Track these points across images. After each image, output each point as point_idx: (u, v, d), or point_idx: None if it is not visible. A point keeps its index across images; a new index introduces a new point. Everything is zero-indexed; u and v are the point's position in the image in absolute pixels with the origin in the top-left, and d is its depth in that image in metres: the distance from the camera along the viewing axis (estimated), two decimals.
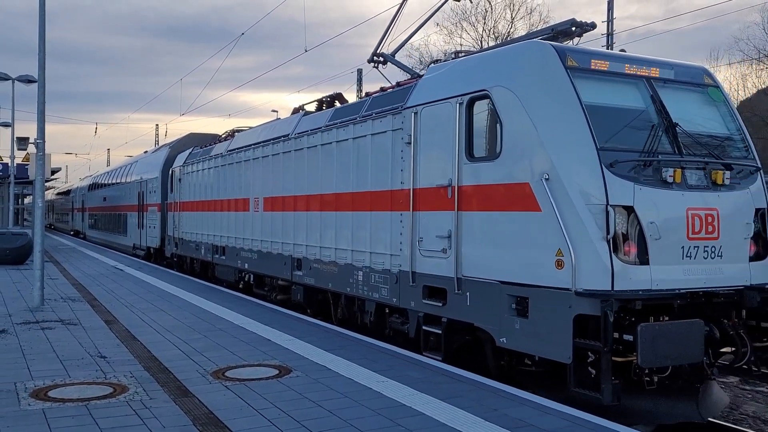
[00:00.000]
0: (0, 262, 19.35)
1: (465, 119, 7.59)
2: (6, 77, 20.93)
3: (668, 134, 6.95)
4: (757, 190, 7.23)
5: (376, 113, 9.39)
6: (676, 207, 6.57)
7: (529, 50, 7.31)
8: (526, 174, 6.78)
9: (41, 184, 11.85)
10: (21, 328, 9.30)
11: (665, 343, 5.82)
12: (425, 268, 8.15)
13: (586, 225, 6.24)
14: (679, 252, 6.53)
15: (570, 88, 6.70)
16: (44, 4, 11.32)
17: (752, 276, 6.96)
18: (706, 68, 8.07)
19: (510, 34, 39.58)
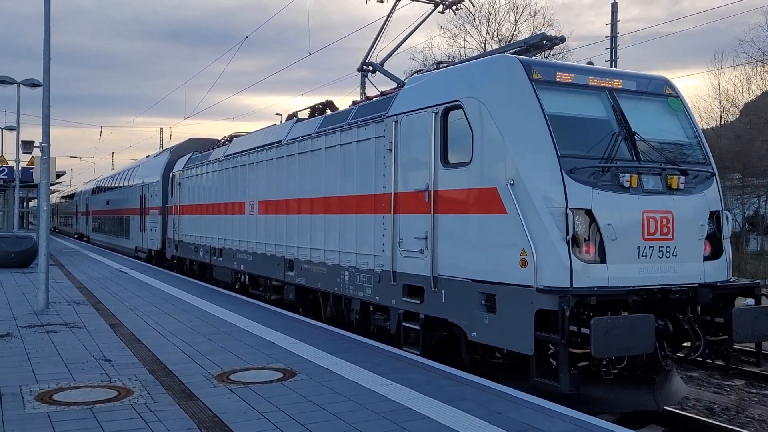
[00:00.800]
0: (5, 266, 19.40)
1: (440, 128, 8.04)
2: (11, 81, 20.99)
3: (627, 142, 7.40)
4: (712, 194, 7.68)
5: (360, 121, 9.86)
6: (632, 210, 7.02)
7: (497, 64, 7.85)
8: (493, 179, 7.25)
9: (46, 187, 11.87)
10: (26, 331, 9.32)
11: (617, 335, 6.21)
12: (405, 268, 8.60)
13: (547, 227, 6.72)
14: (635, 252, 6.98)
15: (534, 100, 7.18)
16: (49, 9, 11.37)
17: (706, 274, 7.40)
18: (668, 79, 8.49)
19: (514, 36, 39.56)
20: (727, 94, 39.12)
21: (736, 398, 9.33)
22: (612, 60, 24.47)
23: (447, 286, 7.85)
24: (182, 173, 19.70)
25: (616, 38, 24.45)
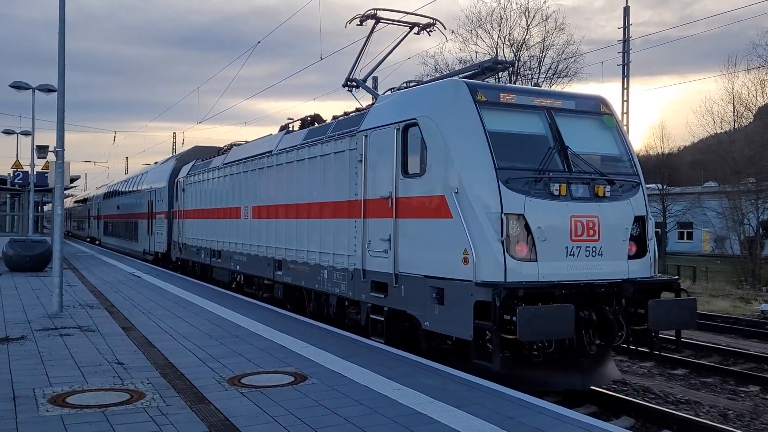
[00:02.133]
0: (19, 269, 19.55)
1: (401, 142, 9.04)
2: (26, 86, 21.18)
3: (561, 155, 8.33)
4: (637, 200, 8.61)
5: (338, 135, 10.88)
6: (561, 215, 7.94)
7: (447, 87, 8.84)
8: (442, 188, 8.23)
9: (61, 192, 11.97)
10: (40, 334, 9.39)
11: (539, 322, 7.11)
12: (372, 266, 9.61)
13: (484, 230, 7.67)
14: (563, 251, 7.92)
15: (476, 119, 8.13)
16: (64, 16, 11.47)
17: (630, 271, 8.31)
18: (604, 98, 9.41)
19: (525, 41, 39.50)
20: (740, 97, 38.75)
21: (751, 404, 9.24)
22: (624, 64, 24.34)
23: (406, 282, 8.84)
24: (186, 180, 20.84)
25: (629, 42, 24.34)
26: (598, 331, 7.94)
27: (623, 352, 12.21)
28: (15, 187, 26.02)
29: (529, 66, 39.99)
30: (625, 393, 9.39)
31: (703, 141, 48.62)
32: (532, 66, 39.94)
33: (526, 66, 39.97)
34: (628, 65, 24.33)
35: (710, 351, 12.65)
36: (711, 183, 47.33)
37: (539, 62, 39.67)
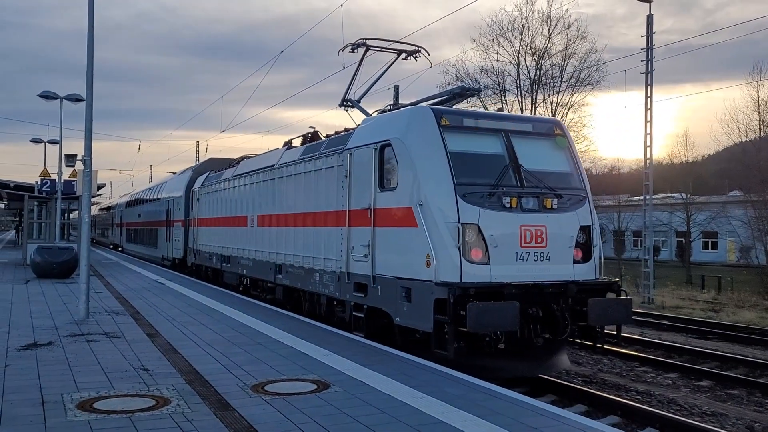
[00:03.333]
0: (47, 276, 19.83)
1: (378, 160, 10.19)
2: (54, 96, 21.55)
3: (515, 172, 9.46)
4: (583, 212, 9.71)
5: (328, 152, 12.00)
6: (512, 224, 9.03)
7: (416, 113, 10.03)
8: (409, 201, 9.36)
9: (88, 199, 12.16)
10: (67, 340, 9.53)
11: (486, 316, 8.15)
12: (355, 269, 10.74)
13: (443, 237, 8.79)
14: (513, 256, 9.02)
15: (439, 141, 9.31)
16: (92, 27, 11.70)
17: (575, 274, 9.37)
18: (559, 122, 10.78)
19: (547, 49, 39.34)
20: (766, 105, 38.26)
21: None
22: (648, 72, 24.12)
23: (381, 283, 9.96)
24: (200, 190, 22.30)
25: (652, 50, 24.12)
26: (546, 326, 9.02)
27: (648, 363, 12.10)
28: (43, 195, 26.43)
29: (551, 74, 39.85)
30: (650, 404, 9.30)
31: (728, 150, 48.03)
32: (554, 74, 39.80)
33: (547, 74, 39.84)
34: (651, 73, 24.10)
35: (736, 363, 12.47)
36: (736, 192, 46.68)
37: (561, 71, 39.50)
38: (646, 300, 22.93)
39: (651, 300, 22.88)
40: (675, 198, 46.59)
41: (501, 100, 40.62)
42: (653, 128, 24.16)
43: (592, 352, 12.58)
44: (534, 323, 8.88)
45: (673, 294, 24.73)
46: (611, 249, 54.87)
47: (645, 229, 24.76)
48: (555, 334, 9.06)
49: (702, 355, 13.06)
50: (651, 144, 24.25)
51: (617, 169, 70.97)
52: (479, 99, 40.31)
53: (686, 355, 13.15)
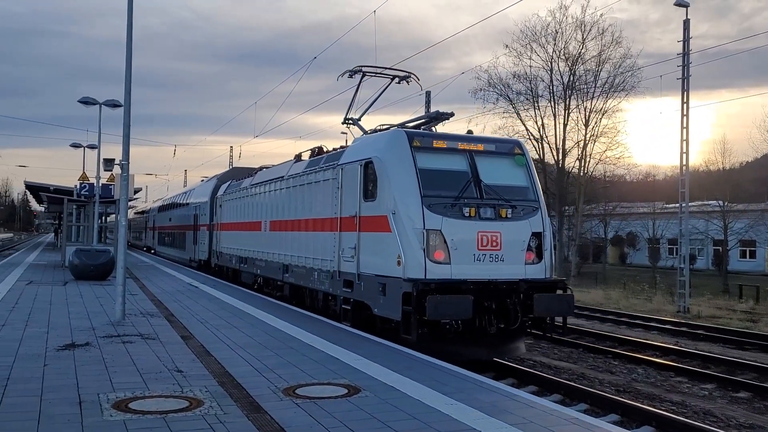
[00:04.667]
0: (84, 278, 20.24)
1: (363, 175, 11.77)
2: (93, 102, 22.04)
3: (476, 186, 11.01)
4: (535, 221, 11.18)
5: (326, 166, 13.67)
6: (470, 230, 10.58)
7: (392, 135, 11.71)
8: (385, 210, 10.91)
9: (125, 203, 12.37)
10: (104, 341, 9.72)
11: (442, 307, 9.68)
12: (345, 268, 12.36)
13: (411, 240, 10.37)
14: (471, 257, 10.55)
15: (410, 159, 10.86)
16: (131, 35, 11.93)
17: (527, 273, 10.86)
18: (519, 142, 12.42)
19: (581, 55, 38.98)
20: None
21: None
22: (684, 78, 23.72)
23: (364, 280, 11.56)
24: (222, 197, 24.18)
25: (688, 55, 23.72)
26: (501, 318, 10.53)
27: (683, 373, 11.88)
28: (81, 199, 26.99)
29: (585, 80, 39.46)
30: (685, 415, 9.12)
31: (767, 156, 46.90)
32: (587, 80, 39.41)
33: (581, 80, 39.46)
34: (687, 79, 23.69)
35: None
36: None
37: (595, 76, 39.10)
38: (682, 309, 22.50)
39: (686, 309, 22.44)
40: (712, 206, 45.65)
41: (533, 106, 40.41)
42: (689, 134, 23.74)
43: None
44: (489, 314, 10.43)
45: (709, 303, 24.22)
46: (645, 257, 54.01)
47: (681, 237, 24.32)
48: (508, 324, 10.61)
49: (740, 366, 12.77)
50: (687, 150, 23.84)
51: (652, 176, 70.00)
52: (512, 104, 40.25)
53: (723, 366, 12.87)
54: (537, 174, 12.16)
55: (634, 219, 54.13)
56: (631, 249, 61.05)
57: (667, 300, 24.43)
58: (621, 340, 15.47)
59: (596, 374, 12.04)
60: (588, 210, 44.04)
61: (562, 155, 39.99)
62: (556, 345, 14.90)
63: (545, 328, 11.22)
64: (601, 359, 13.41)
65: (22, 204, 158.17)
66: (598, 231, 52.60)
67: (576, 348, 14.48)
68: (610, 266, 53.15)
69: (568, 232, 41.67)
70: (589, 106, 39.40)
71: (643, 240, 56.28)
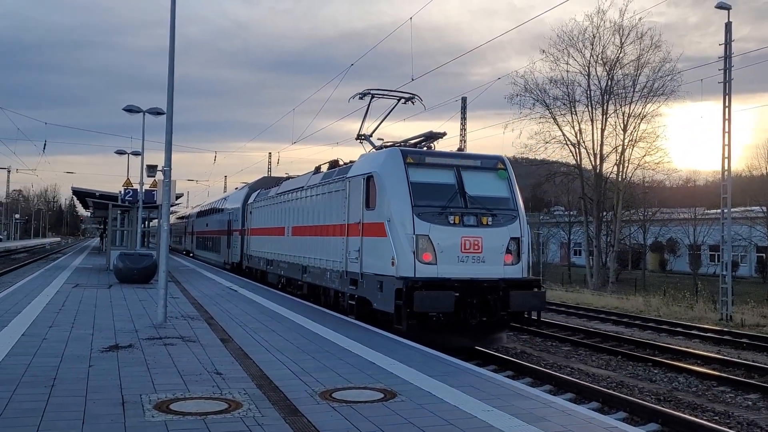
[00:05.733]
0: (128, 281, 20.68)
1: (365, 187, 13.37)
2: (137, 110, 22.56)
3: (461, 197, 12.55)
4: (513, 227, 12.68)
5: (337, 178, 15.44)
6: (454, 235, 12.10)
7: (390, 153, 13.30)
8: (382, 218, 12.50)
9: (167, 208, 12.64)
10: (146, 343, 9.94)
11: (427, 301, 11.26)
12: (351, 269, 13.96)
13: (403, 244, 11.97)
14: (456, 258, 12.07)
15: (403, 174, 12.47)
16: (173, 45, 12.22)
17: (505, 273, 12.35)
18: (502, 157, 13.82)
19: (619, 59, 38.47)
20: None
21: None
22: (726, 81, 23.22)
23: (366, 278, 13.13)
24: (252, 204, 26.25)
25: (730, 59, 23.21)
26: (483, 312, 12.01)
27: (726, 383, 11.62)
28: (125, 204, 27.61)
29: (623, 84, 38.91)
30: (729, 426, 8.92)
31: None
32: (626, 84, 38.86)
33: (619, 85, 38.93)
34: (729, 83, 23.17)
35: None
36: None
37: (633, 81, 38.53)
38: (724, 317, 21.98)
39: (729, 317, 21.91)
40: (755, 211, 44.54)
41: (570, 111, 40.00)
42: (731, 139, 23.22)
43: None
44: (472, 309, 11.90)
45: (753, 312, 23.59)
46: (686, 264, 52.89)
47: (723, 244, 23.76)
48: (489, 317, 12.11)
49: None
50: (729, 155, 23.29)
51: (693, 182, 68.53)
52: (549, 110, 39.90)
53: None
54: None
55: (674, 225, 53.11)
56: (671, 255, 59.86)
57: (709, 308, 23.89)
58: (662, 348, 15.19)
59: (636, 382, 11.85)
60: (627, 216, 43.34)
61: (600, 160, 39.47)
62: (594, 352, 14.72)
63: (522, 321, 13.09)
64: (640, 367, 13.20)
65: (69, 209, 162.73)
66: (637, 237, 51.70)
67: (614, 356, 14.28)
68: (649, 273, 52.20)
69: (606, 238, 41.06)
70: (628, 110, 38.84)
71: (683, 246, 55.14)
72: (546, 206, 69.61)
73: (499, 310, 11.99)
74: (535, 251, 51.67)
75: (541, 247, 50.76)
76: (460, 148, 14.99)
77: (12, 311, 13.11)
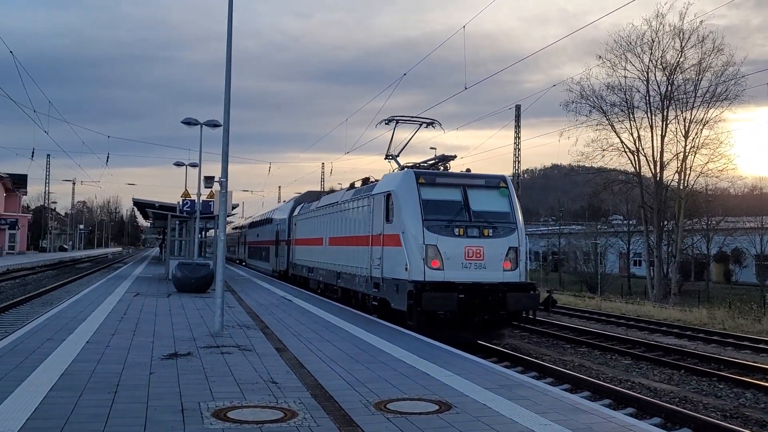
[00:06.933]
0: (185, 290, 21.14)
1: (385, 203, 15.49)
2: (195, 122, 23.13)
3: (466, 212, 14.53)
4: (512, 238, 14.55)
5: (364, 195, 17.55)
6: (459, 245, 14.05)
7: (405, 174, 15.38)
8: (398, 230, 14.62)
9: (224, 219, 12.86)
10: (204, 351, 10.12)
11: (434, 300, 13.17)
12: (374, 274, 16.09)
13: (415, 252, 13.97)
14: (460, 265, 13.97)
15: (416, 192, 14.52)
16: (230, 59, 12.48)
17: (504, 278, 14.15)
18: (504, 176, 15.78)
19: (680, 64, 37.47)
20: None
21: None
22: None
23: (386, 282, 15.29)
24: (296, 217, 29.00)
25: None
26: (484, 311, 13.79)
27: (751, 387, 11.10)
28: (183, 215, 28.29)
29: (684, 90, 37.85)
30: None
31: None
32: (687, 89, 37.78)
33: (680, 90, 37.88)
34: None
35: None
36: None
37: (695, 86, 37.43)
38: None
39: None
40: None
41: (629, 118, 39.13)
42: None
43: None
44: (474, 308, 13.65)
45: None
46: (752, 275, 50.87)
47: None
48: (491, 316, 14.00)
49: None
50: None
51: (759, 189, 65.96)
52: (606, 116, 39.11)
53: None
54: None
55: (740, 234, 51.16)
56: (736, 266, 57.65)
57: None
58: (727, 362, 14.63)
59: (700, 398, 11.44)
60: (689, 225, 42.02)
61: (660, 168, 38.45)
62: (656, 366, 14.28)
63: (520, 319, 15.17)
64: (705, 382, 12.73)
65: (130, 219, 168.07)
66: (700, 247, 50.05)
67: (677, 370, 13.81)
68: (713, 284, 50.41)
69: (667, 248, 39.89)
70: (689, 116, 37.77)
71: (750, 257, 53.08)
72: (603, 215, 68.16)
73: (499, 309, 13.78)
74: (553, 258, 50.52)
75: (599, 258, 49.55)
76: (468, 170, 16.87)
77: (77, 318, 13.57)
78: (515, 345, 16.82)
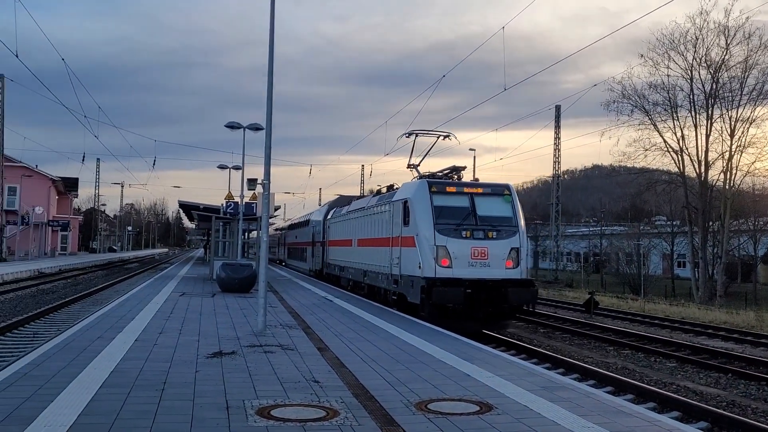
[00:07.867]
0: (229, 290, 21.52)
1: (402, 209, 17.53)
2: (238, 126, 23.50)
3: (473, 217, 16.48)
4: (513, 240, 16.41)
5: (386, 201, 19.65)
6: (466, 246, 15.97)
7: (419, 183, 17.37)
8: (413, 232, 16.63)
9: (266, 220, 13.09)
10: (248, 350, 10.31)
11: (443, 294, 15.11)
12: (394, 271, 18.15)
13: (427, 253, 15.93)
14: (467, 263, 15.85)
15: (428, 200, 16.46)
16: (272, 64, 12.68)
17: (507, 275, 16.03)
18: (509, 185, 17.60)
19: (725, 61, 36.52)
20: None
21: None
22: None
23: (403, 279, 17.34)
24: (330, 220, 31.08)
25: None
26: (489, 305, 15.65)
27: None
28: (227, 216, 28.77)
29: (729, 88, 36.90)
30: None
31: None
32: (732, 88, 36.82)
33: (725, 88, 36.95)
34: None
35: None
36: None
37: (741, 83, 36.45)
38: None
39: None
40: None
41: (672, 117, 38.34)
42: None
43: None
44: (479, 302, 15.49)
45: None
46: None
47: None
48: (494, 309, 15.83)
49: None
50: None
51: None
52: (648, 116, 38.40)
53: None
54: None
55: None
56: None
57: None
58: None
59: (749, 402, 11.18)
60: (735, 226, 40.94)
61: (705, 168, 37.55)
62: (702, 369, 14.00)
63: (521, 311, 17.51)
64: (753, 386, 12.44)
65: (175, 221, 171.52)
66: (747, 248, 48.73)
67: (724, 373, 13.52)
68: (761, 286, 49.00)
69: (713, 249, 38.94)
70: (735, 115, 36.76)
71: None
72: (647, 216, 66.88)
73: (501, 303, 15.63)
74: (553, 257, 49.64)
75: (642, 259, 48.63)
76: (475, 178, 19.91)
77: (126, 317, 13.95)
78: (556, 347, 16.68)
